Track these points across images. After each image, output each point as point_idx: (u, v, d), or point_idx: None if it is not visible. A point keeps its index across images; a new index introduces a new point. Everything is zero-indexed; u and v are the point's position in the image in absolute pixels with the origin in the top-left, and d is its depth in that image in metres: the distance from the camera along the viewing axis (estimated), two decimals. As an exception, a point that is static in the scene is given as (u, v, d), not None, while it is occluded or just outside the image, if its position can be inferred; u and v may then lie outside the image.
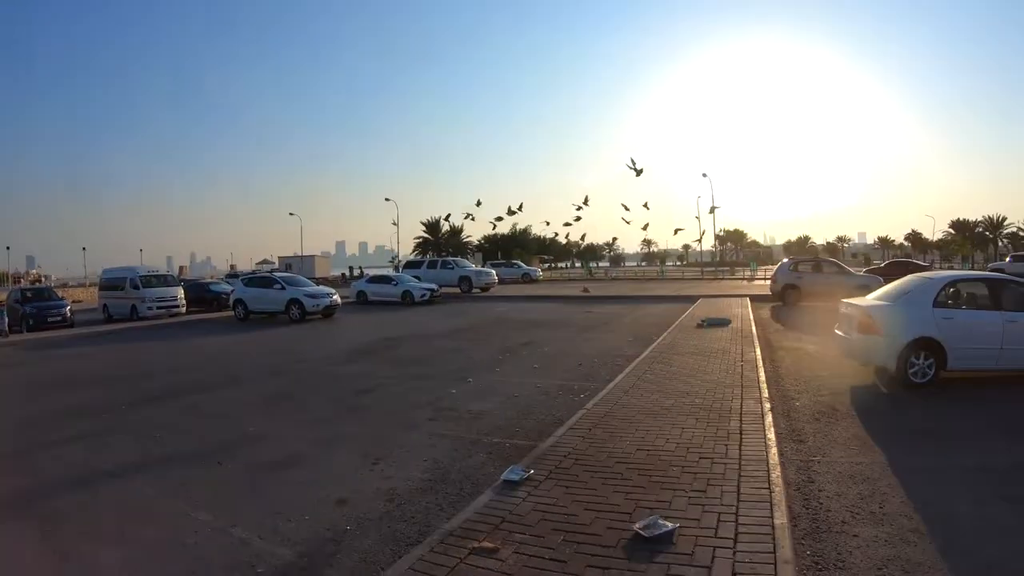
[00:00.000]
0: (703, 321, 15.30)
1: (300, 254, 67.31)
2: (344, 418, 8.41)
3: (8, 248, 76.80)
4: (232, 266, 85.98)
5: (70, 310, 24.53)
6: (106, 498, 5.90)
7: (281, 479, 6.21)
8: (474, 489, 5.47)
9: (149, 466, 6.76)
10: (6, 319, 21.71)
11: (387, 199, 63.63)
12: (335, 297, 23.37)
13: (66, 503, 5.80)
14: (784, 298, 21.93)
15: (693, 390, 8.19)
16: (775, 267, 25.67)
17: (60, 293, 28.92)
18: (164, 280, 26.92)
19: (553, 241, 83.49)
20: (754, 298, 23.34)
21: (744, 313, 17.61)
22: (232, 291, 26.27)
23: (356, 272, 57.29)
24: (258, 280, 25.34)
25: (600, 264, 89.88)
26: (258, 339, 18.51)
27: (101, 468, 6.74)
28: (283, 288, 23.20)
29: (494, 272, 37.33)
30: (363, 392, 9.85)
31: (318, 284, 27.14)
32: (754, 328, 14.37)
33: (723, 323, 14.98)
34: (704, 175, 61.61)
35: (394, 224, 59.70)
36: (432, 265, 36.18)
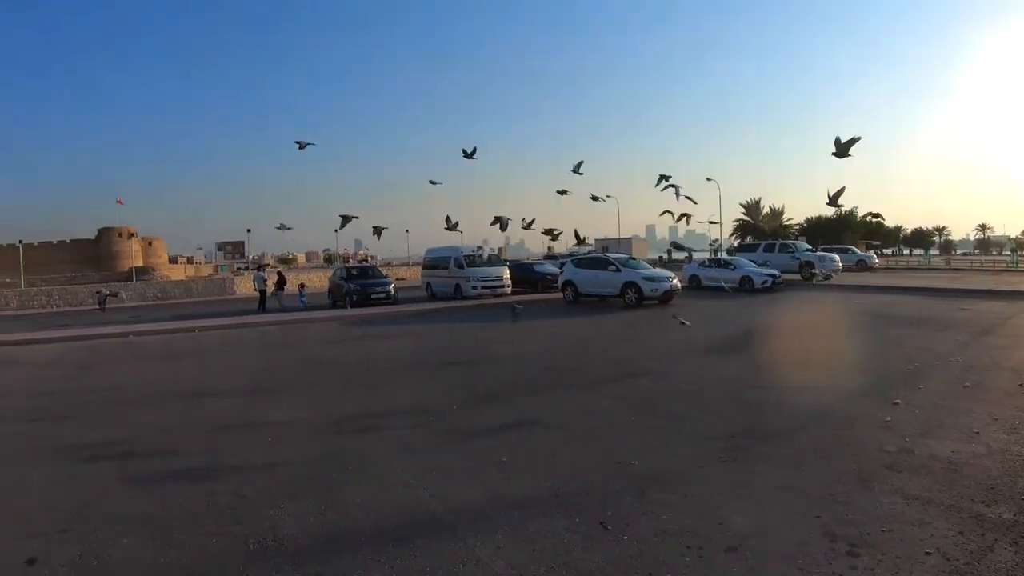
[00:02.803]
0: None
1: (617, 236, 68.74)
2: (758, 452, 6.32)
3: (336, 232, 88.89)
4: (550, 248, 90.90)
5: (394, 288, 26.28)
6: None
7: (713, 570, 3.95)
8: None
9: (496, 515, 4.82)
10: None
11: (708, 179, 61.90)
12: (675, 281, 22.78)
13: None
14: None
15: None
16: None
17: (384, 272, 31.02)
18: (489, 260, 28.05)
19: (880, 225, 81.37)
20: None
21: None
22: (560, 272, 26.45)
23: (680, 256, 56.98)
24: (590, 261, 25.17)
25: (930, 251, 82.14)
26: (596, 326, 17.74)
27: (427, 507, 4.99)
28: (618, 270, 22.95)
29: (838, 258, 35.97)
30: (757, 408, 8.07)
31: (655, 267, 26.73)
32: None
33: None
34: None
35: (672, 205, 58.41)
36: (769, 248, 35.69)
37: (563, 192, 26.64)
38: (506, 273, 27.16)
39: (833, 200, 19.37)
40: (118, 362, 13.80)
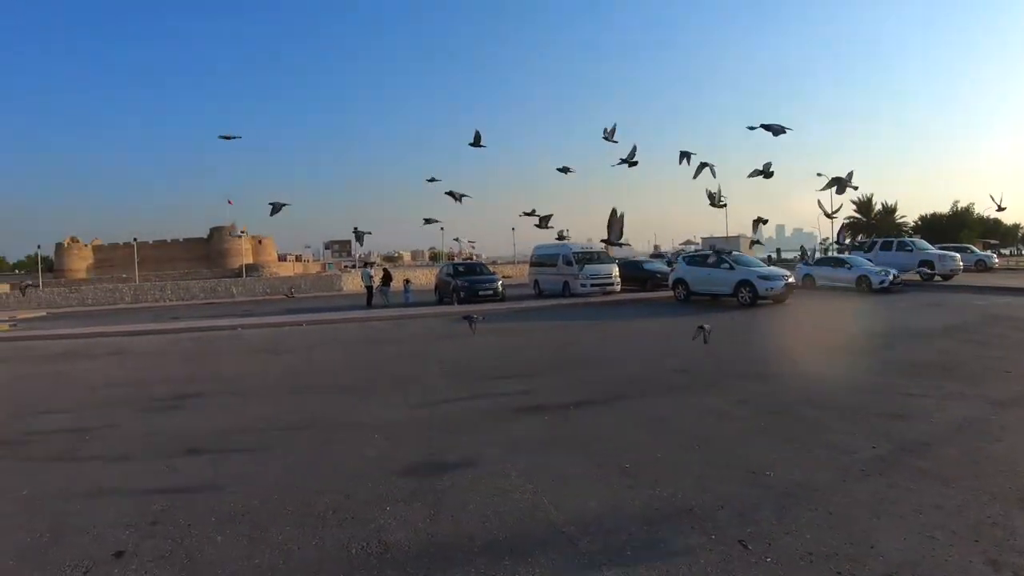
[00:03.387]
0: None
1: (724, 234, 67.79)
2: (902, 465, 5.81)
3: (443, 229, 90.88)
4: (656, 246, 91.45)
5: (501, 284, 26.40)
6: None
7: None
8: None
9: (622, 527, 4.40)
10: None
11: (819, 174, 59.76)
12: (790, 280, 22.37)
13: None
14: None
15: None
16: None
17: (491, 269, 31.08)
18: (598, 257, 27.83)
19: (997, 222, 79.09)
20: None
21: None
22: (671, 270, 26.20)
23: (796, 254, 56.60)
24: (702, 258, 24.85)
25: None
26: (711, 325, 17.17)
27: (545, 515, 4.62)
28: (731, 268, 22.60)
29: (958, 256, 34.01)
30: (896, 416, 7.43)
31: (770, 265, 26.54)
32: None
33: None
34: None
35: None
36: (886, 246, 34.21)
37: (609, 137, 26.40)
38: (616, 271, 27.07)
39: (837, 184, 18.13)
40: (224, 354, 14.22)
